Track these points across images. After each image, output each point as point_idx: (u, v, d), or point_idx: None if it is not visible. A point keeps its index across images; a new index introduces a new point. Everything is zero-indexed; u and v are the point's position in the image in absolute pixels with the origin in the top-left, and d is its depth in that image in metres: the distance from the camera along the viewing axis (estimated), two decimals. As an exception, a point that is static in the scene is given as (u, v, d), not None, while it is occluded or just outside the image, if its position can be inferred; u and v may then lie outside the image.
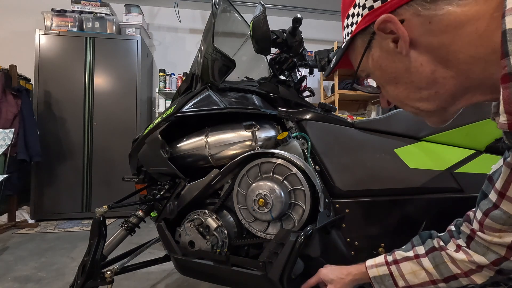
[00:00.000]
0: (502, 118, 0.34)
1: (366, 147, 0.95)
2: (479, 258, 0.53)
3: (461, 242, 0.57)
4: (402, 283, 0.62)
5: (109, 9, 3.23)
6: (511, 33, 0.31)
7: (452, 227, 0.61)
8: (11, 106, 2.69)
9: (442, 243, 0.59)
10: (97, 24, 3.14)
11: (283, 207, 0.84)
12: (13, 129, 2.59)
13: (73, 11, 3.12)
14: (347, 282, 0.71)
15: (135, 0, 3.55)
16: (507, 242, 0.49)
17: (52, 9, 3.10)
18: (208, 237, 0.95)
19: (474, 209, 0.57)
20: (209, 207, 1.01)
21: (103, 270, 1.05)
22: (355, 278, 0.70)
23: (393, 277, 0.64)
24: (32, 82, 3.09)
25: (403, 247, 0.66)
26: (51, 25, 3.07)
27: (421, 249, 0.62)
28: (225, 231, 0.95)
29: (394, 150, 0.90)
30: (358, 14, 0.44)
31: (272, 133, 1.04)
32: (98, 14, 3.15)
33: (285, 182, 0.88)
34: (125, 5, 3.40)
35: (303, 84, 1.26)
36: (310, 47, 2.95)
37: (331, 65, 0.53)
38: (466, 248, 0.55)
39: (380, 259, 0.68)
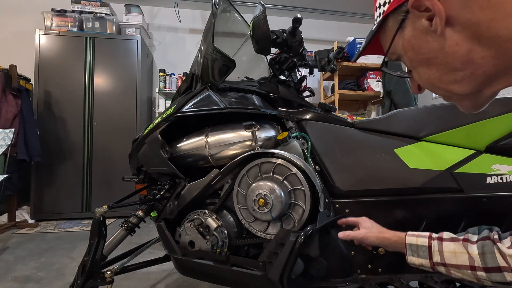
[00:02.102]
0: None
1: (366, 147, 0.95)
2: None
3: None
4: (438, 258, 0.60)
5: (109, 9, 3.23)
6: None
7: None
8: (11, 106, 2.69)
9: (497, 237, 0.57)
10: (97, 24, 3.14)
11: (283, 207, 0.84)
12: (13, 129, 2.59)
13: (73, 11, 3.12)
14: (380, 237, 0.71)
15: (135, 0, 3.55)
16: None
17: (52, 9, 3.10)
18: (208, 237, 0.95)
19: None
20: (209, 207, 1.01)
21: (103, 270, 1.05)
22: (389, 238, 0.70)
23: (430, 250, 0.61)
24: (32, 82, 3.08)
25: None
26: (51, 25, 3.07)
27: (473, 237, 0.59)
28: (225, 231, 0.95)
29: (394, 150, 0.90)
30: None
31: (272, 133, 1.04)
32: (98, 14, 3.15)
33: (285, 182, 0.88)
34: (125, 5, 3.40)
35: (303, 84, 1.26)
36: (310, 47, 2.94)
37: (360, 49, 0.52)
38: None
39: (424, 232, 0.66)
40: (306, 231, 0.78)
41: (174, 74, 3.60)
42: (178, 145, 1.09)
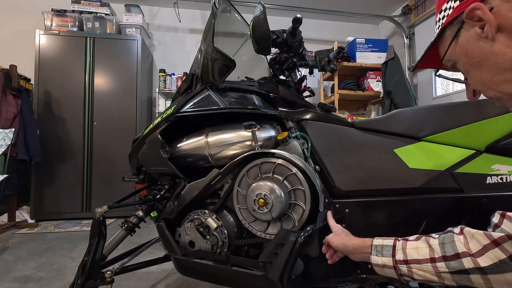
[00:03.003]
0: None
1: (366, 147, 0.95)
2: (497, 234, 0.50)
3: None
4: (400, 256, 0.61)
5: (109, 9, 3.23)
6: None
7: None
8: (11, 106, 2.69)
9: (463, 226, 0.57)
10: (97, 24, 3.14)
11: (283, 207, 0.84)
12: (13, 129, 2.59)
13: (73, 11, 3.12)
14: (345, 241, 0.71)
15: (135, 0, 3.55)
16: None
17: (52, 9, 3.10)
18: (208, 237, 0.95)
19: None
20: (209, 207, 1.01)
21: (103, 270, 1.05)
22: (354, 243, 0.70)
23: (394, 248, 0.62)
24: (32, 82, 3.09)
25: None
26: (51, 25, 3.07)
27: (436, 234, 0.60)
28: (225, 231, 0.95)
29: (394, 150, 0.90)
30: (450, 8, 0.49)
31: (272, 133, 1.04)
32: (98, 14, 3.15)
33: (285, 182, 0.88)
34: (125, 5, 3.40)
35: (303, 84, 1.26)
36: (310, 47, 2.94)
37: (420, 58, 0.58)
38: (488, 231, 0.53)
39: (391, 237, 0.66)
40: (306, 231, 0.78)
41: (174, 74, 3.60)
42: (178, 145, 1.09)
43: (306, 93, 1.27)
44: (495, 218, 0.55)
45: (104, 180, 2.99)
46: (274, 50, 1.17)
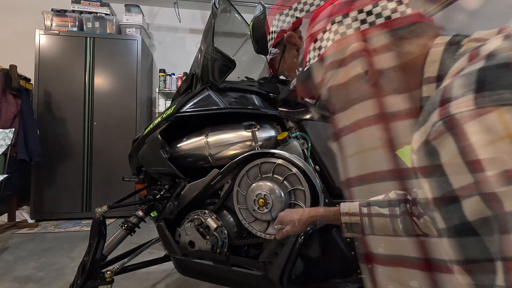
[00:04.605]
0: None
1: (366, 147, 0.95)
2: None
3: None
4: (369, 231, 0.68)
5: (109, 9, 3.22)
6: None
7: None
8: (11, 106, 2.69)
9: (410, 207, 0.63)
10: (97, 24, 3.14)
11: (283, 207, 0.84)
12: (13, 129, 2.59)
13: (73, 11, 3.12)
14: (306, 218, 0.73)
15: (135, 0, 3.55)
16: None
17: (52, 9, 3.10)
18: (208, 237, 0.95)
19: None
20: (209, 207, 1.01)
21: (103, 270, 1.05)
22: (322, 215, 0.72)
23: (363, 227, 0.69)
24: (32, 82, 3.08)
25: (379, 200, 0.68)
26: (51, 25, 3.07)
27: (396, 210, 0.65)
28: (225, 231, 0.95)
29: (394, 150, 0.90)
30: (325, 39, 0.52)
31: (272, 133, 1.04)
32: (98, 14, 3.15)
33: (285, 182, 0.88)
34: (125, 5, 3.40)
35: (303, 84, 1.26)
36: (310, 47, 2.94)
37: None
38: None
39: (355, 208, 0.70)
40: (306, 231, 0.78)
41: (174, 74, 3.60)
42: (178, 145, 1.09)
43: (306, 93, 1.27)
44: None
45: (104, 180, 2.99)
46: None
